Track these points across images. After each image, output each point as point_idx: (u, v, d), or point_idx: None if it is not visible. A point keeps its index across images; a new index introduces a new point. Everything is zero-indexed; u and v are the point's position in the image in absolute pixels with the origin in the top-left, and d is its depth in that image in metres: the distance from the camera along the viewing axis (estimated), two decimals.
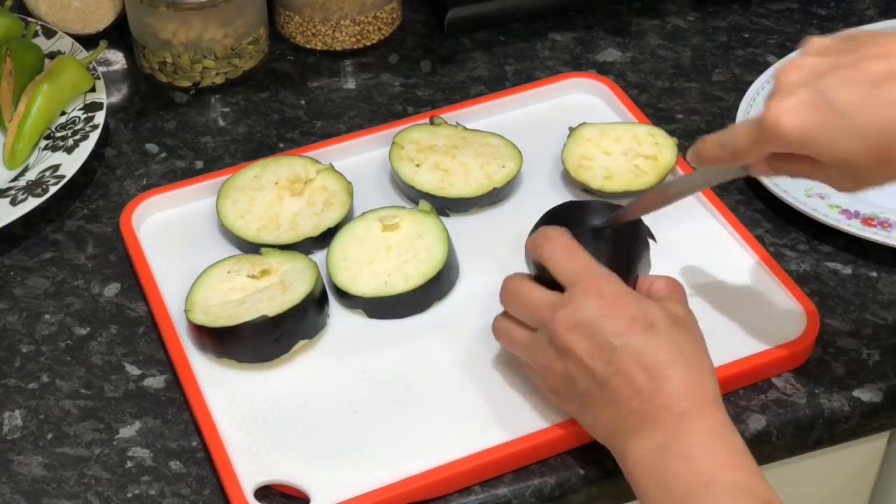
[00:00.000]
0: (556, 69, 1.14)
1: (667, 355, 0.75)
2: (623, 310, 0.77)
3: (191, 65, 1.11)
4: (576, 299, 0.78)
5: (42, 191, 0.99)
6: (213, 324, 0.87)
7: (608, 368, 0.76)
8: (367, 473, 0.81)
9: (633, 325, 0.76)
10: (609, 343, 0.76)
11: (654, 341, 0.76)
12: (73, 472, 0.84)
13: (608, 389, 0.76)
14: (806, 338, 0.88)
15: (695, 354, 0.77)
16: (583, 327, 0.77)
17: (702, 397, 0.75)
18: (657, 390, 0.75)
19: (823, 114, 0.71)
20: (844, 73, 0.71)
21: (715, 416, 0.75)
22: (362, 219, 0.95)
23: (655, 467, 0.74)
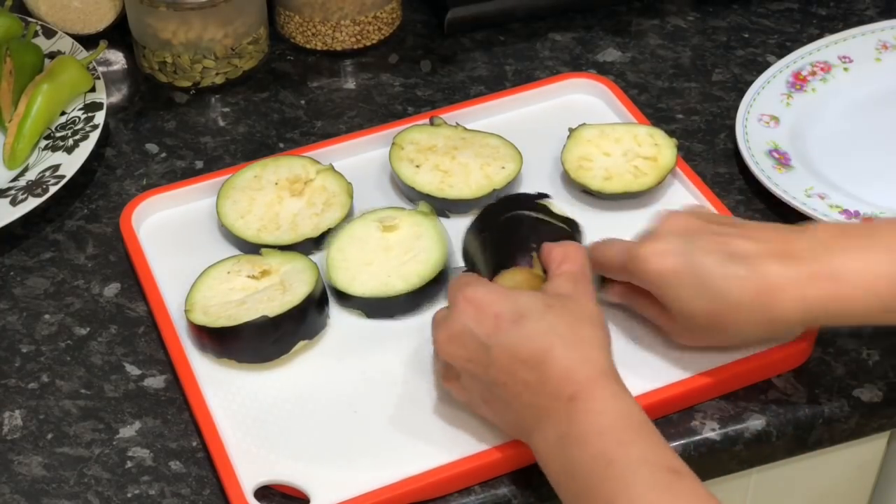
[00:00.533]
0: (556, 69, 1.14)
1: (541, 342, 0.75)
2: (488, 309, 0.77)
3: (191, 65, 1.11)
4: (451, 313, 0.80)
5: (42, 191, 0.99)
6: (213, 324, 0.87)
7: (489, 371, 0.77)
8: (367, 473, 0.81)
9: (499, 321, 0.77)
10: (484, 345, 0.77)
11: (524, 332, 0.76)
12: (73, 472, 0.84)
13: (498, 390, 0.77)
14: (806, 338, 0.88)
15: (574, 332, 0.76)
16: (457, 337, 0.78)
17: (587, 375, 0.75)
18: (542, 379, 0.75)
19: (683, 267, 0.79)
20: (713, 239, 0.80)
21: (604, 390, 0.74)
22: (361, 220, 0.95)
23: (559, 457, 0.74)
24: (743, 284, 0.78)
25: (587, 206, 0.99)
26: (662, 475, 0.71)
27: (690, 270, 0.79)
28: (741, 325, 0.80)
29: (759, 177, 0.99)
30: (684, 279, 0.79)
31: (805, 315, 0.78)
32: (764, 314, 0.78)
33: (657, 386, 0.85)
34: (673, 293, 0.80)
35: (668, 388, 0.85)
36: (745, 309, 0.79)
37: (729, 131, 1.07)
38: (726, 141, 1.06)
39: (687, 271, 0.79)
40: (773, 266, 0.78)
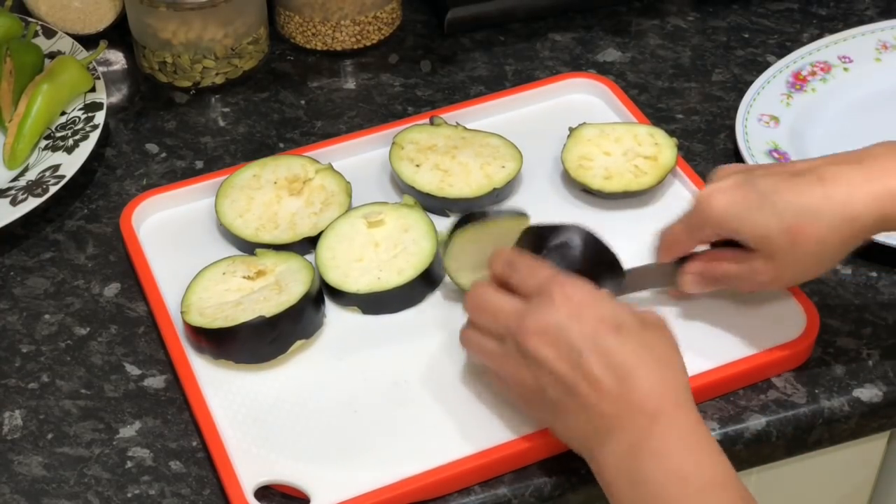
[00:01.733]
0: (556, 69, 1.14)
1: (635, 356, 0.75)
2: (590, 311, 0.76)
3: (191, 65, 1.11)
4: (542, 305, 0.77)
5: (42, 191, 0.99)
6: (209, 325, 0.87)
7: (575, 372, 0.75)
8: (367, 473, 0.81)
9: (599, 325, 0.75)
10: (575, 346, 0.75)
11: (621, 342, 0.75)
12: (73, 472, 0.84)
13: (577, 394, 0.75)
14: (806, 338, 0.88)
15: (666, 355, 0.76)
16: (549, 332, 0.76)
17: (674, 398, 0.75)
18: (627, 392, 0.74)
19: (747, 193, 0.80)
20: (769, 168, 0.82)
21: (688, 416, 0.75)
22: (347, 217, 0.95)
23: (629, 468, 0.74)
24: (812, 190, 0.78)
25: (587, 205, 0.99)
26: (734, 500, 0.73)
27: (757, 194, 0.79)
28: (823, 234, 0.78)
29: None
30: (754, 203, 0.79)
31: (881, 210, 0.77)
32: (842, 214, 0.77)
33: None
34: (748, 222, 0.80)
35: None
36: (821, 214, 0.78)
37: (729, 131, 1.07)
38: (726, 141, 1.06)
39: (754, 196, 0.79)
40: (836, 170, 0.78)
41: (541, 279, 0.79)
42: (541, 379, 0.77)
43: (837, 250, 0.80)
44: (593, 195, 0.98)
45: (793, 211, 0.78)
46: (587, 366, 0.75)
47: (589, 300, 0.77)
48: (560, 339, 0.76)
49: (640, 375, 0.74)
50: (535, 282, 0.79)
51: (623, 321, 0.76)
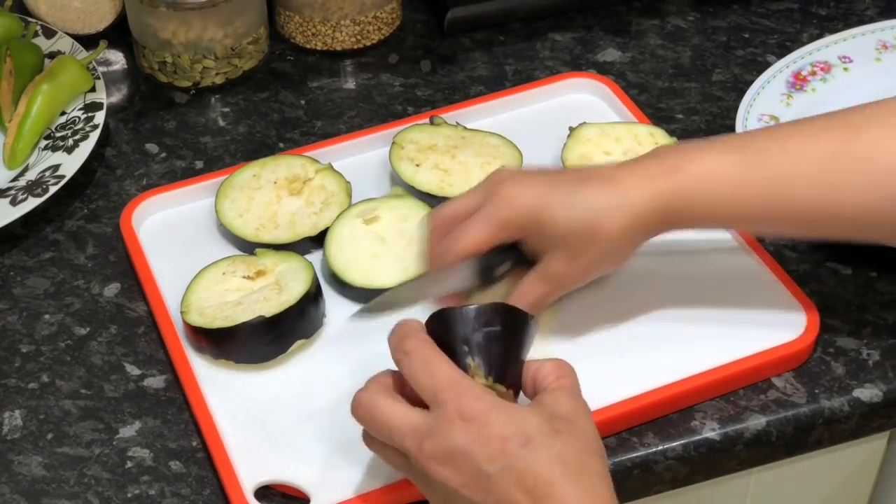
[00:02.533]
0: (556, 69, 1.14)
1: (550, 472, 0.69)
2: (494, 429, 0.70)
3: (191, 65, 1.11)
4: (440, 426, 0.71)
5: (42, 191, 0.99)
6: (209, 325, 0.87)
7: (488, 498, 0.69)
8: (367, 473, 0.81)
9: (506, 445, 0.69)
10: (484, 471, 0.69)
11: (533, 459, 0.69)
12: (73, 472, 0.84)
13: None
14: (806, 338, 0.88)
15: (582, 463, 0.70)
16: (453, 458, 0.70)
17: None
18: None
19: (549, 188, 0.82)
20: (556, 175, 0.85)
21: None
22: (343, 221, 0.94)
23: None
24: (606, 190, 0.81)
25: None
26: None
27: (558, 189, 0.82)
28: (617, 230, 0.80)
29: None
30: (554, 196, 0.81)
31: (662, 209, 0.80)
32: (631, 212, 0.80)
33: (657, 386, 0.85)
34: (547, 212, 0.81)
35: (669, 387, 0.85)
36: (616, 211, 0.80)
37: (729, 131, 1.07)
38: None
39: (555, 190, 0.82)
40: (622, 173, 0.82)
41: (438, 385, 0.72)
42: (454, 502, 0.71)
43: (628, 245, 0.83)
44: None
45: (590, 210, 0.80)
46: (499, 491, 0.69)
47: (492, 414, 0.70)
48: (465, 466, 0.70)
49: (555, 495, 0.68)
50: (431, 386, 0.72)
51: (531, 434, 0.70)
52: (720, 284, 0.92)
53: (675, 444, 0.85)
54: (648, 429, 0.85)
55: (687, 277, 0.93)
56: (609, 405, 0.84)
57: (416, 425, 0.72)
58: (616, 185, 0.81)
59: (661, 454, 0.84)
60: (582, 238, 0.81)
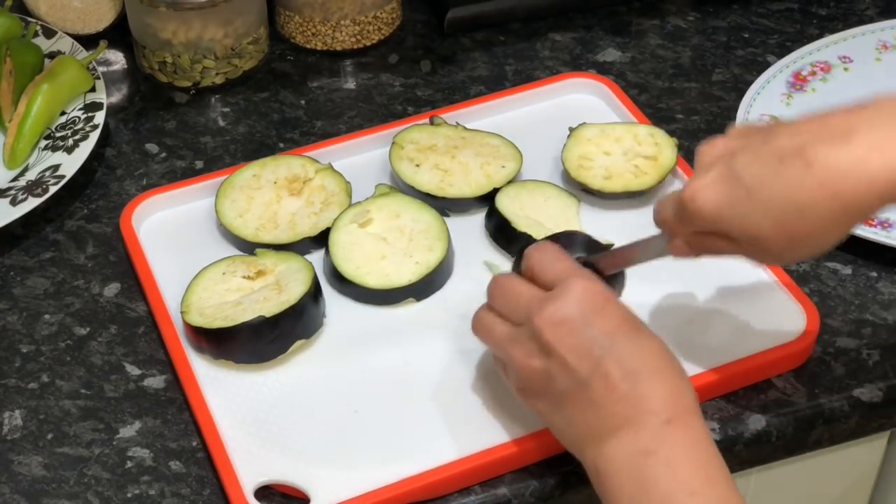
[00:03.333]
0: (556, 69, 1.14)
1: (653, 360, 0.74)
2: (612, 310, 0.75)
3: (191, 65, 1.11)
4: (565, 294, 0.76)
5: (42, 191, 0.99)
6: (209, 325, 0.87)
7: (593, 372, 0.74)
8: (367, 473, 0.81)
9: (623, 325, 0.75)
10: (597, 342, 0.74)
11: (641, 345, 0.75)
12: (73, 472, 0.84)
13: (590, 389, 0.74)
14: (806, 338, 0.88)
15: (673, 362, 0.76)
16: (570, 323, 0.74)
17: (684, 406, 0.74)
18: (643, 395, 0.73)
19: (733, 189, 0.73)
20: (755, 151, 0.73)
21: (697, 426, 0.74)
22: (340, 229, 0.94)
23: (635, 471, 0.73)
24: (801, 183, 0.70)
25: (587, 205, 0.99)
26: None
27: (742, 190, 0.72)
28: (819, 225, 0.72)
29: None
30: (739, 201, 0.73)
31: (882, 192, 0.69)
32: (836, 206, 0.70)
33: None
34: (733, 220, 0.73)
35: None
36: (815, 208, 0.70)
37: None
38: None
39: (739, 192, 0.72)
40: (827, 150, 0.70)
41: (561, 269, 0.78)
42: (551, 368, 0.75)
43: (836, 235, 0.73)
44: (593, 195, 0.98)
45: (783, 208, 0.71)
46: (605, 366, 0.73)
47: (611, 300, 0.76)
48: (581, 333, 0.74)
49: (656, 381, 0.74)
50: (555, 271, 0.78)
51: (641, 325, 0.76)
52: (720, 284, 0.92)
53: None
54: None
55: (687, 278, 0.93)
56: None
57: (541, 295, 0.77)
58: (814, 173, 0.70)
59: None
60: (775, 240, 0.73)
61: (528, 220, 0.95)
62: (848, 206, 0.70)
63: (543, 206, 0.96)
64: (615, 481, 0.74)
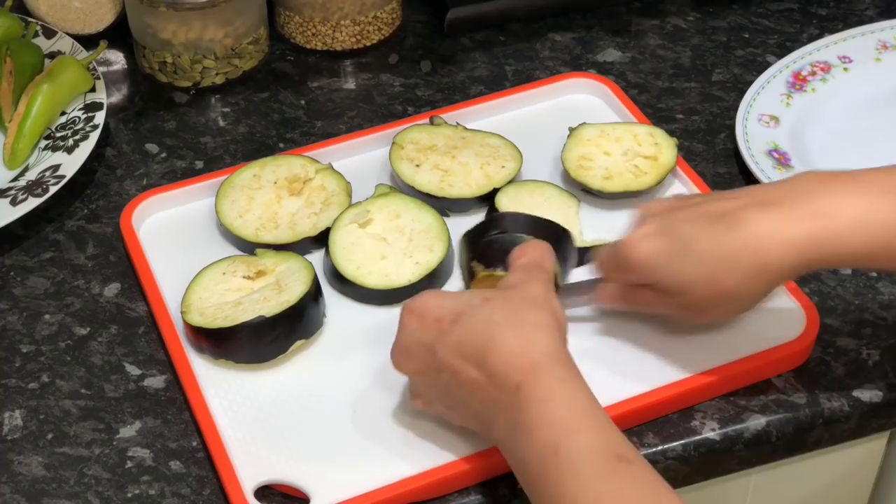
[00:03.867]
0: (556, 69, 1.14)
1: (481, 335, 0.75)
2: (430, 314, 0.78)
3: (191, 65, 1.11)
4: (400, 330, 0.80)
5: (42, 191, 0.99)
6: (209, 325, 0.87)
7: (441, 375, 0.77)
8: (367, 473, 0.81)
9: (440, 324, 0.77)
10: (429, 351, 0.77)
11: (465, 329, 0.76)
12: (73, 472, 0.84)
13: (455, 392, 0.77)
14: (806, 338, 0.88)
15: (514, 317, 0.76)
16: (405, 350, 0.79)
17: (530, 360, 0.73)
18: (489, 373, 0.74)
19: (669, 242, 0.79)
20: (692, 210, 0.80)
21: (549, 376, 0.73)
22: (340, 229, 0.94)
23: (513, 448, 0.74)
24: (729, 240, 0.77)
25: (587, 205, 0.99)
26: (609, 463, 0.70)
27: (676, 243, 0.79)
28: (739, 282, 0.77)
29: (759, 177, 0.99)
30: (672, 253, 0.79)
31: (799, 257, 0.76)
32: (757, 264, 0.76)
33: (657, 386, 0.85)
34: (666, 270, 0.79)
35: (668, 387, 0.85)
36: (737, 264, 0.77)
37: (729, 131, 1.07)
38: (726, 141, 1.06)
39: (673, 245, 0.79)
40: (754, 215, 0.77)
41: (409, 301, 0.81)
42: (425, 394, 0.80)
43: (756, 294, 0.80)
44: (593, 195, 0.98)
45: (713, 261, 0.77)
46: (446, 364, 0.76)
47: (429, 304, 0.78)
48: (416, 352, 0.78)
49: (491, 351, 0.74)
50: None
51: (461, 308, 0.77)
52: None
53: (675, 444, 0.85)
54: (648, 429, 0.85)
55: None
56: (609, 405, 0.84)
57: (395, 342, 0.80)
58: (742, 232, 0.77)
59: (661, 454, 0.84)
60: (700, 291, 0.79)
61: None
62: (768, 265, 0.77)
63: (543, 205, 0.96)
64: (510, 463, 0.75)
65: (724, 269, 0.77)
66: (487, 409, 0.75)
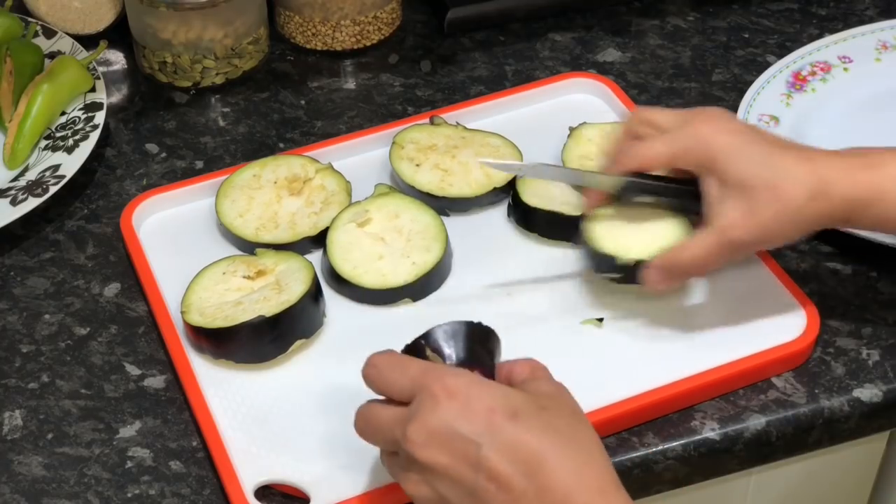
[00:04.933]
0: (556, 69, 1.14)
1: (541, 442, 0.66)
2: (478, 403, 0.67)
3: (191, 65, 1.11)
4: (423, 407, 0.68)
5: (42, 191, 0.99)
6: (209, 325, 0.87)
7: (478, 476, 0.66)
8: (367, 473, 0.81)
9: (493, 416, 0.66)
10: (471, 445, 0.66)
11: (522, 429, 0.66)
12: (73, 472, 0.84)
13: (484, 499, 0.66)
14: (806, 338, 0.88)
15: (574, 433, 0.68)
16: (438, 436, 0.67)
17: (597, 483, 0.66)
18: (542, 487, 0.65)
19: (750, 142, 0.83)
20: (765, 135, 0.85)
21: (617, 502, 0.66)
22: (338, 228, 0.94)
23: None
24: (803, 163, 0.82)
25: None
26: None
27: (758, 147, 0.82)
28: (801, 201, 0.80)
29: None
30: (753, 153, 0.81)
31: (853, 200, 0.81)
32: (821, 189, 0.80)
33: (657, 386, 0.85)
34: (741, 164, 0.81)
35: (668, 387, 0.85)
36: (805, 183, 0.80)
37: None
38: None
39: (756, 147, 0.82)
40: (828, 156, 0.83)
41: (414, 375, 0.70)
42: (440, 489, 0.68)
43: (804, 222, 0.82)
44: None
45: (782, 173, 0.81)
46: (489, 464, 0.66)
47: (475, 389, 0.68)
48: (452, 441, 0.67)
49: (553, 464, 0.65)
50: (408, 379, 0.70)
51: (518, 406, 0.67)
52: (720, 284, 0.92)
53: (675, 444, 0.85)
54: (648, 429, 0.85)
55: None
56: (609, 405, 0.84)
57: (401, 415, 0.70)
58: (811, 163, 0.81)
59: (661, 454, 0.84)
60: (764, 195, 0.81)
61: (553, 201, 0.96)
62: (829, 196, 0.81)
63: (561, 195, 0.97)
64: None
65: (793, 182, 0.81)
66: None
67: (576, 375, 0.86)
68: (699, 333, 0.89)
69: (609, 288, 0.92)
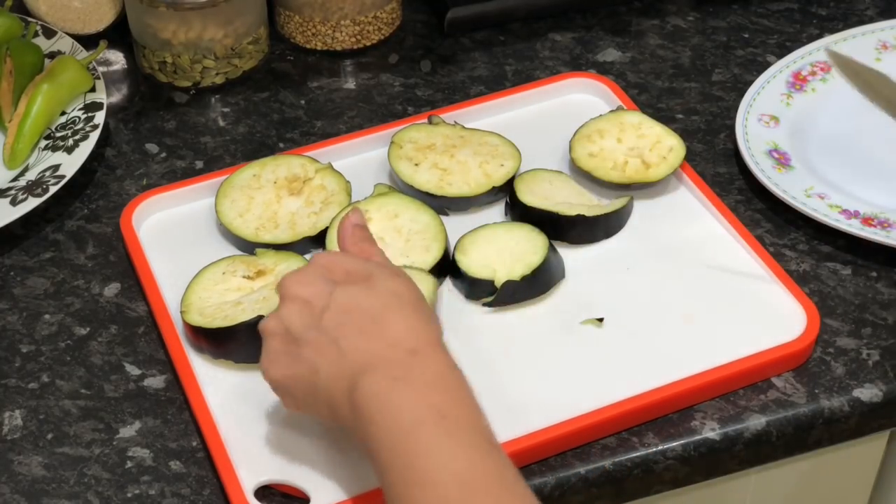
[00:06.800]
0: (556, 69, 1.14)
1: (387, 299, 0.77)
2: (340, 266, 0.79)
3: (191, 65, 1.11)
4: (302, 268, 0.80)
5: (42, 191, 0.99)
6: (209, 325, 0.87)
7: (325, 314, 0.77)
8: (367, 473, 0.81)
9: (350, 276, 0.78)
10: (329, 288, 0.77)
11: (371, 290, 0.77)
12: (73, 472, 0.84)
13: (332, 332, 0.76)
14: (806, 338, 0.88)
15: (415, 301, 0.78)
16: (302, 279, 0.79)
17: (427, 339, 0.76)
18: (382, 329, 0.75)
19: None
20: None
21: (444, 354, 0.76)
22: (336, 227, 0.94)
23: (386, 399, 0.73)
24: None
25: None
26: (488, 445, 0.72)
27: None
28: None
29: (758, 177, 0.99)
30: None
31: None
32: None
33: (657, 385, 0.85)
34: None
35: (668, 387, 0.85)
36: None
37: (729, 131, 1.07)
38: (726, 141, 1.06)
39: None
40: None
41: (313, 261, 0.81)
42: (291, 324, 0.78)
43: None
44: (601, 185, 0.98)
45: None
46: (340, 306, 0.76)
47: (340, 258, 0.80)
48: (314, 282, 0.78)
49: (393, 314, 0.76)
50: None
51: (372, 272, 0.78)
52: (720, 284, 0.92)
53: (675, 444, 0.85)
54: (648, 429, 0.85)
55: (687, 277, 0.93)
56: (609, 405, 0.84)
57: None
58: None
59: (661, 454, 0.84)
60: None
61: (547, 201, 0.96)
62: None
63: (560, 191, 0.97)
64: (367, 412, 0.73)
65: None
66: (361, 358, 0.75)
67: (576, 375, 0.87)
68: (699, 333, 0.89)
69: (609, 287, 0.92)
